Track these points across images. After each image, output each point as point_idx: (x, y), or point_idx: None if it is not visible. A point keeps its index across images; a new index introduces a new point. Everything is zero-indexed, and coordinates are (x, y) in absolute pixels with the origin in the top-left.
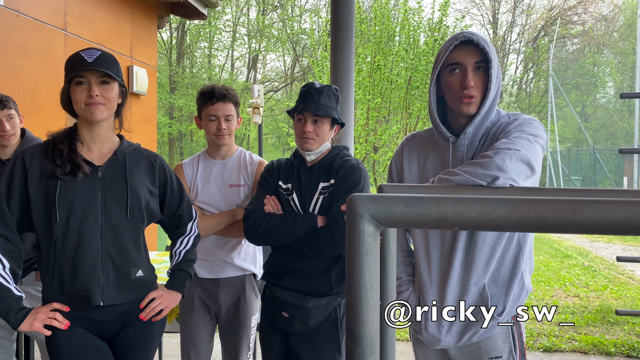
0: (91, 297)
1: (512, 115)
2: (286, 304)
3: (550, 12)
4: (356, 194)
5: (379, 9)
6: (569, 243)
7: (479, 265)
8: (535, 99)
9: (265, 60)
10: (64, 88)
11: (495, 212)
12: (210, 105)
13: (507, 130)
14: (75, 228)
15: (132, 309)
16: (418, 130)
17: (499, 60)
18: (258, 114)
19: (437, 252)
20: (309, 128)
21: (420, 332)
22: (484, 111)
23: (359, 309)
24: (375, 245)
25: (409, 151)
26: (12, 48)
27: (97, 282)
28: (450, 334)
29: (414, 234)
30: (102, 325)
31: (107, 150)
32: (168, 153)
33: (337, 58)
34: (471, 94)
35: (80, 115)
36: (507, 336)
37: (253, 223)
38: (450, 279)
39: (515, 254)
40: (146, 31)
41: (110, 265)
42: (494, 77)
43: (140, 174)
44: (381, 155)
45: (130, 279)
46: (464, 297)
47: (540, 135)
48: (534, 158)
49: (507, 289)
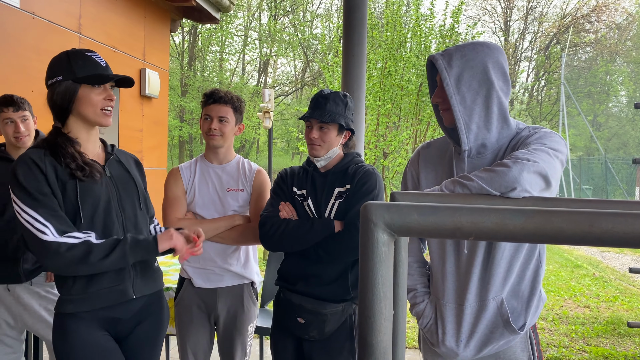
0: (125, 291)
1: (532, 129)
2: (302, 310)
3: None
4: (370, 202)
5: (390, 15)
6: (579, 253)
7: (497, 280)
8: (547, 107)
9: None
10: (70, 88)
11: (511, 223)
12: (207, 106)
13: (527, 142)
14: (99, 226)
15: (149, 303)
16: (434, 139)
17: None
18: (269, 118)
19: (453, 265)
20: (315, 134)
21: (437, 346)
22: (464, 120)
23: (371, 317)
24: (389, 254)
25: (425, 160)
26: (27, 50)
27: (127, 276)
28: (469, 348)
29: (430, 245)
30: (120, 323)
31: (99, 150)
32: (178, 155)
33: (348, 64)
34: (440, 108)
35: (89, 117)
36: (525, 345)
37: (269, 229)
38: (468, 294)
39: (535, 268)
40: (159, 35)
41: None
42: (450, 88)
43: (134, 170)
44: (391, 161)
45: (153, 269)
46: (482, 312)
47: (560, 150)
48: (551, 172)
49: (528, 303)
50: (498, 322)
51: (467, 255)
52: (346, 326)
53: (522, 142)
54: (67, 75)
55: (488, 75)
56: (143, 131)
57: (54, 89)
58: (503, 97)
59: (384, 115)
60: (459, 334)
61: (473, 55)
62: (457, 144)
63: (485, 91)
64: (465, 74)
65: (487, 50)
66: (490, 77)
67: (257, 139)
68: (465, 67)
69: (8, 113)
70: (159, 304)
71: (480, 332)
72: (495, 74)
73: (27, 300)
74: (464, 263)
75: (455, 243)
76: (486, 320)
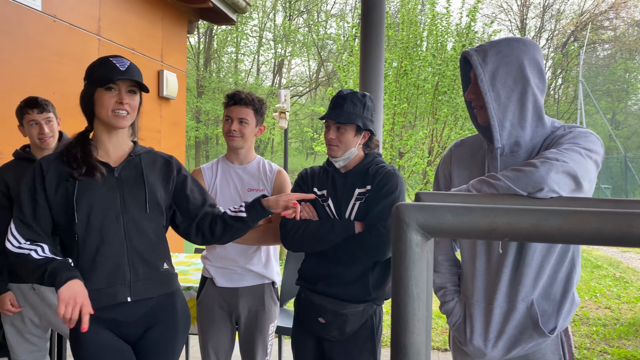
0: (117, 294)
1: (567, 127)
2: (323, 310)
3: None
4: (403, 203)
5: (406, 14)
6: (598, 253)
7: (527, 281)
8: (564, 105)
9: (290, 65)
10: (87, 91)
11: (547, 224)
12: (228, 107)
13: (560, 142)
14: (96, 228)
15: (157, 308)
16: (466, 136)
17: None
18: (284, 118)
19: (483, 264)
20: (332, 135)
21: (465, 344)
22: (498, 117)
23: (405, 318)
24: (422, 255)
25: (458, 159)
26: (49, 53)
27: (122, 278)
28: (497, 349)
29: (462, 243)
30: (125, 326)
31: (123, 153)
32: (194, 156)
33: (366, 63)
34: (474, 105)
35: (104, 120)
36: (556, 347)
37: (290, 230)
38: (497, 294)
39: (568, 270)
40: (176, 36)
41: (139, 261)
42: (485, 84)
43: (156, 172)
44: (406, 161)
45: (160, 271)
46: (511, 312)
47: (595, 150)
48: (582, 172)
49: (560, 306)
50: (527, 323)
51: (498, 255)
52: (367, 327)
53: (555, 142)
54: (87, 79)
55: (524, 72)
56: (161, 132)
57: (81, 93)
58: (539, 94)
59: (400, 115)
60: (487, 334)
61: (508, 52)
62: (490, 142)
63: (521, 88)
64: (501, 70)
65: (523, 47)
66: (526, 74)
67: (271, 139)
68: (500, 63)
69: (33, 115)
70: (172, 307)
71: (508, 333)
72: (531, 71)
73: (51, 299)
74: (495, 263)
75: (486, 242)
76: (515, 321)
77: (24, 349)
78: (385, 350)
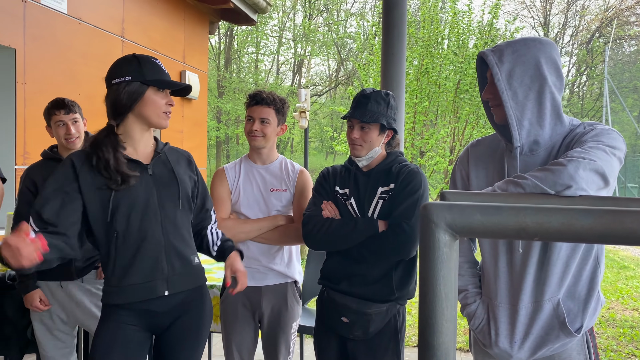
0: (156, 288)
1: (587, 125)
2: (347, 310)
3: (606, 12)
4: (431, 202)
5: (427, 12)
6: (625, 253)
7: (553, 280)
8: (589, 103)
9: (309, 65)
10: (138, 89)
11: (579, 223)
12: (249, 107)
13: (583, 140)
14: (136, 225)
15: (188, 300)
16: (483, 136)
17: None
18: (305, 118)
19: (506, 265)
20: (356, 134)
21: (490, 347)
22: (516, 116)
23: (433, 319)
24: (450, 255)
25: (475, 158)
26: (75, 55)
27: (160, 273)
28: (523, 350)
29: (482, 244)
30: (157, 317)
31: (150, 150)
32: (215, 156)
33: (387, 62)
34: (491, 105)
35: (151, 119)
36: (582, 348)
37: (312, 228)
38: (522, 295)
39: (593, 269)
40: (198, 37)
41: (175, 256)
42: (502, 83)
43: (182, 168)
44: (427, 160)
45: (192, 265)
46: (537, 313)
47: (618, 147)
48: (608, 170)
49: (585, 305)
50: (554, 323)
51: (522, 255)
52: (390, 326)
53: (577, 140)
54: (136, 76)
55: (541, 70)
56: (184, 132)
57: (120, 88)
58: (556, 92)
59: (421, 113)
60: (513, 335)
61: (525, 51)
62: (509, 141)
63: (538, 86)
64: (517, 69)
65: (539, 46)
66: (543, 72)
67: (291, 138)
68: (517, 62)
69: (60, 116)
70: (201, 300)
71: (535, 334)
72: (548, 69)
73: (79, 297)
74: (518, 263)
75: (508, 242)
76: (541, 322)
77: (52, 346)
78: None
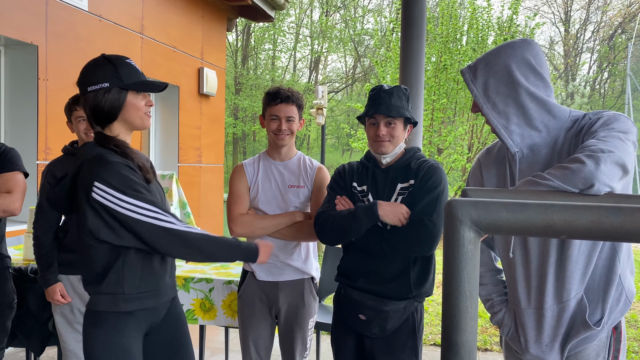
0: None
1: (593, 115)
2: (364, 307)
3: (629, 8)
4: (455, 199)
5: (445, 8)
6: None
7: (575, 278)
8: (610, 100)
9: (326, 62)
10: (119, 95)
11: (608, 221)
12: (274, 106)
13: (593, 130)
14: None
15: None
16: (492, 144)
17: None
18: (321, 114)
19: (522, 269)
20: (383, 131)
21: (522, 353)
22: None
23: (456, 316)
24: (475, 252)
25: (487, 166)
26: (95, 52)
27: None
28: (554, 351)
29: (499, 251)
30: (158, 310)
31: None
32: (232, 152)
33: (406, 58)
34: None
35: (135, 122)
36: (602, 348)
37: (322, 223)
38: (546, 297)
39: (609, 257)
40: (216, 34)
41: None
42: (479, 99)
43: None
44: (445, 158)
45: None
46: (563, 313)
47: (630, 131)
48: (627, 158)
49: (605, 295)
50: (578, 318)
51: (539, 258)
52: (408, 324)
53: (586, 132)
54: (114, 82)
55: (513, 75)
56: (201, 129)
57: (99, 96)
58: (537, 90)
59: (439, 110)
60: (542, 339)
61: (495, 61)
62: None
63: (514, 92)
64: (491, 80)
65: (510, 51)
66: (516, 77)
67: (307, 135)
68: (489, 74)
69: (80, 111)
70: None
71: (561, 332)
72: (521, 72)
73: None
74: (535, 266)
75: (522, 247)
76: (567, 320)
77: (72, 338)
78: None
